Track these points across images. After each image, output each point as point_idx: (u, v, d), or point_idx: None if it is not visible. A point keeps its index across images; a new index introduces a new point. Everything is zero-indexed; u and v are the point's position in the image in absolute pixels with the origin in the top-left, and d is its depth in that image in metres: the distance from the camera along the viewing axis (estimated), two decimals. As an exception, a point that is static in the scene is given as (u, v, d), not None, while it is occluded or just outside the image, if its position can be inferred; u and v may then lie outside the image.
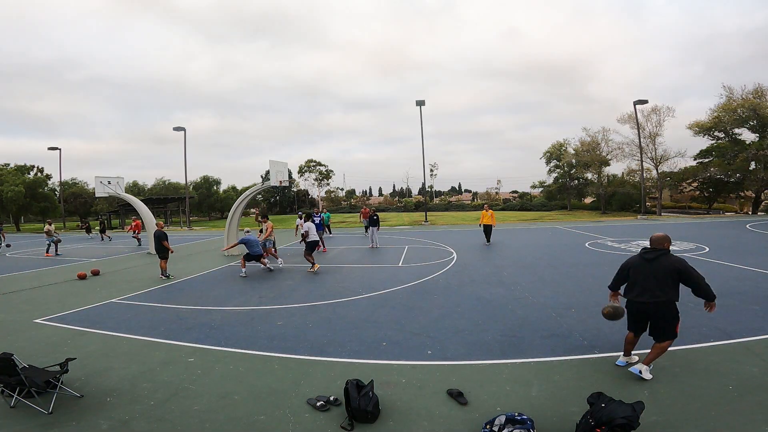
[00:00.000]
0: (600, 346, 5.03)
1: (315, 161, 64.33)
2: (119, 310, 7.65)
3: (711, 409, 3.52)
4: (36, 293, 9.41)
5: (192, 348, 5.50)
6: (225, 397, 4.08)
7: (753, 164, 33.64)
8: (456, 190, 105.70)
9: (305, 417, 3.67)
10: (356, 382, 3.77)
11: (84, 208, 49.49)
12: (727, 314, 6.09)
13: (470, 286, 8.73)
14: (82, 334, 6.24)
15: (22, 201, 37.29)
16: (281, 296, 8.34)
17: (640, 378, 4.11)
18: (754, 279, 8.47)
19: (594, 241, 16.14)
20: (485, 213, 16.36)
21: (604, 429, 3.00)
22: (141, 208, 17.81)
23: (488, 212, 16.35)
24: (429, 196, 61.30)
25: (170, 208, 46.71)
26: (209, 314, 7.21)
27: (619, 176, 44.31)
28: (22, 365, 4.12)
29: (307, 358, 5.04)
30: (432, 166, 67.00)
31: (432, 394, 4.02)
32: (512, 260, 12.08)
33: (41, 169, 43.67)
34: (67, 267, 13.52)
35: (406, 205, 61.74)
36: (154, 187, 57.03)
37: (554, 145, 51.20)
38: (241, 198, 15.85)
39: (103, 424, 3.65)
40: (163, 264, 10.77)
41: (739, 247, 13.37)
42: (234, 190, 59.06)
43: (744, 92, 34.13)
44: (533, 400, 3.84)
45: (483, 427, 3.30)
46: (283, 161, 15.30)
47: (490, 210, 16.57)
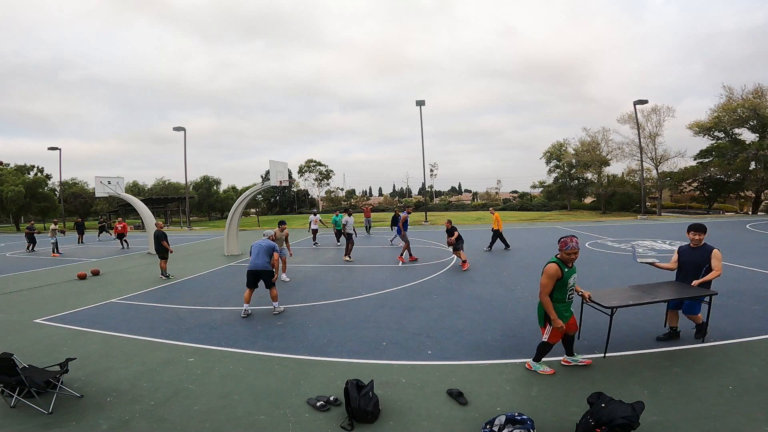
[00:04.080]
0: (600, 346, 5.03)
1: (315, 161, 64.30)
2: (119, 310, 7.65)
3: (711, 409, 3.52)
4: (36, 293, 9.41)
5: (192, 348, 5.51)
6: (225, 397, 4.08)
7: (753, 164, 33.60)
8: (456, 190, 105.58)
9: (305, 417, 3.67)
10: (356, 382, 3.77)
11: (84, 208, 49.47)
12: (727, 314, 6.09)
13: (470, 286, 8.73)
14: (82, 334, 6.24)
15: (22, 201, 37.29)
16: (281, 296, 8.31)
17: (640, 378, 4.11)
18: (754, 279, 8.47)
19: (594, 241, 16.13)
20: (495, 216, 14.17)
21: (604, 429, 3.00)
22: (141, 208, 17.82)
23: (494, 215, 14.29)
24: (429, 196, 61.28)
25: (170, 208, 46.70)
26: (209, 314, 7.21)
27: (619, 176, 44.21)
28: (22, 365, 4.12)
29: (307, 358, 5.04)
30: (432, 166, 67.00)
31: (432, 394, 4.02)
32: (512, 260, 12.08)
33: (41, 169, 43.75)
34: (67, 267, 13.52)
35: (406, 205, 61.75)
36: (154, 187, 57.00)
37: (554, 145, 51.12)
38: (241, 198, 15.85)
39: (103, 424, 3.65)
40: (163, 264, 10.77)
41: (739, 247, 13.38)
42: (234, 190, 59.04)
43: (744, 92, 34.13)
44: (533, 400, 3.84)
45: (483, 427, 3.30)
46: (283, 161, 15.31)
47: (496, 212, 14.52)
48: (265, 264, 7.14)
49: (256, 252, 7.23)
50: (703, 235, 5.11)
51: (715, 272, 4.88)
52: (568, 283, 4.23)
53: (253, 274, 7.12)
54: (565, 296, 4.26)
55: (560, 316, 4.22)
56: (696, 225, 5.18)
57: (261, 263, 7.12)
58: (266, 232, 7.90)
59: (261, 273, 7.11)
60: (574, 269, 4.34)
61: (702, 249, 5.07)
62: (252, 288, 7.13)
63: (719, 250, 4.96)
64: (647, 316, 6.21)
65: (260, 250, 7.22)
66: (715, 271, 4.88)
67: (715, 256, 4.93)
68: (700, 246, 5.09)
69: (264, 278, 7.13)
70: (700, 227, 5.14)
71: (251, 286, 7.12)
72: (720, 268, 4.88)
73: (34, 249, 18.48)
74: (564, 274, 4.17)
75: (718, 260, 4.89)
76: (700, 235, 5.08)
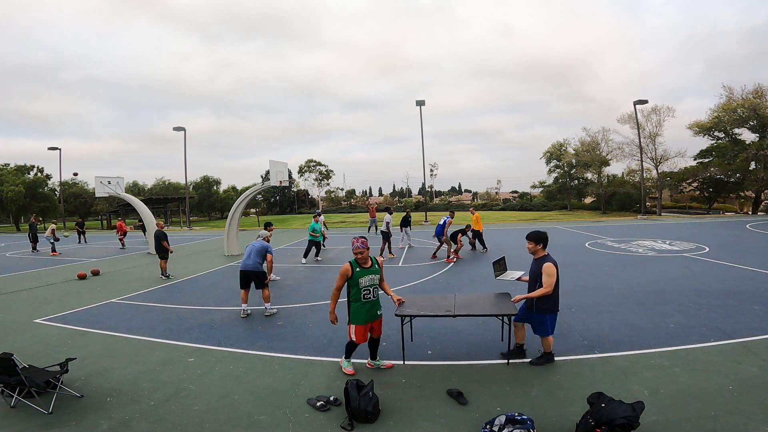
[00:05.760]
0: (600, 346, 5.03)
1: (315, 161, 64.27)
2: (119, 310, 7.65)
3: (711, 409, 3.52)
4: (36, 293, 9.41)
5: (192, 348, 5.51)
6: (225, 397, 4.08)
7: (753, 164, 33.58)
8: (456, 190, 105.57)
9: (305, 417, 3.67)
10: (356, 382, 3.77)
11: (84, 208, 49.47)
12: (727, 314, 6.09)
13: (470, 286, 8.73)
14: (82, 334, 6.24)
15: (22, 201, 37.26)
16: (283, 297, 8.32)
17: (640, 378, 4.11)
18: (754, 279, 8.47)
19: (594, 241, 16.13)
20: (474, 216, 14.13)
21: (604, 429, 3.00)
22: (141, 208, 17.81)
23: (474, 215, 14.19)
24: (429, 196, 61.29)
25: (170, 208, 46.69)
26: (209, 314, 7.21)
27: (619, 176, 44.23)
28: (22, 365, 4.13)
29: (307, 358, 5.05)
30: (432, 166, 66.94)
31: (432, 394, 4.03)
32: (512, 260, 12.02)
33: (41, 169, 43.69)
34: (67, 267, 13.52)
35: (406, 205, 61.74)
36: (154, 187, 57.00)
37: (554, 145, 51.12)
38: (241, 198, 15.86)
39: (103, 424, 3.65)
40: (163, 264, 10.77)
41: (739, 247, 13.37)
42: (234, 190, 59.00)
43: (744, 92, 34.08)
44: (533, 400, 3.84)
45: (483, 427, 3.30)
46: (283, 161, 15.31)
47: (476, 212, 14.46)
48: (255, 265, 7.10)
49: (248, 252, 7.21)
50: (535, 245, 4.55)
51: (541, 289, 4.34)
52: (360, 283, 4.38)
53: (244, 275, 7.09)
54: (359, 296, 4.41)
55: (356, 316, 4.42)
56: (530, 233, 4.64)
57: (251, 264, 7.09)
58: (261, 233, 7.86)
59: (251, 274, 7.07)
60: (371, 271, 4.46)
61: (539, 261, 4.52)
62: (245, 288, 7.08)
63: (553, 264, 4.41)
64: (647, 316, 6.22)
65: (252, 250, 7.20)
66: (542, 288, 4.34)
67: (545, 270, 4.37)
68: (538, 258, 4.56)
69: (254, 279, 7.09)
70: (531, 235, 4.60)
71: (244, 286, 7.08)
72: (550, 284, 4.31)
73: (36, 248, 18.44)
74: (354, 273, 4.38)
75: (548, 275, 4.33)
76: (531, 245, 4.58)
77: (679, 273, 9.27)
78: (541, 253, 4.56)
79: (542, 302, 4.44)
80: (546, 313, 4.47)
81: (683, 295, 7.37)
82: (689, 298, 7.11)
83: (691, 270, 9.58)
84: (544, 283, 4.35)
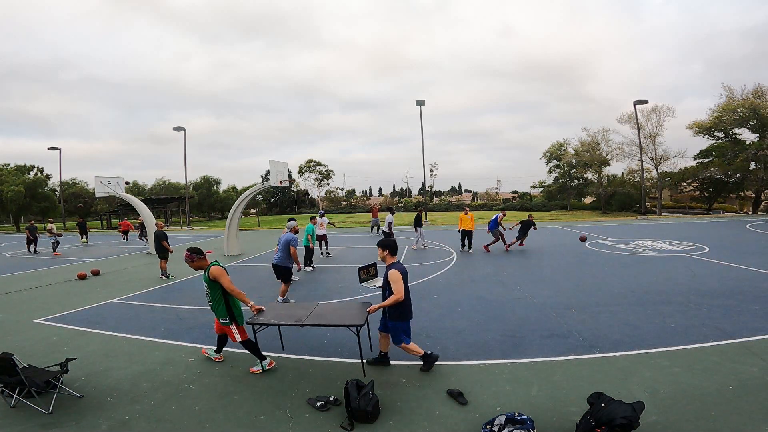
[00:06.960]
0: (600, 346, 5.03)
1: (315, 161, 64.26)
2: (119, 310, 7.65)
3: (711, 409, 3.52)
4: (36, 293, 9.41)
5: (192, 348, 5.51)
6: (225, 397, 4.08)
7: (753, 164, 33.59)
8: (456, 190, 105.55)
9: (305, 417, 3.67)
10: (356, 382, 3.77)
11: (84, 208, 49.46)
12: (727, 314, 6.10)
13: (470, 286, 8.73)
14: (82, 334, 6.24)
15: (22, 201, 37.26)
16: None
17: (640, 378, 4.11)
18: (754, 279, 8.47)
19: (594, 241, 16.13)
20: (464, 216, 14.34)
21: (604, 429, 3.00)
22: (141, 208, 17.81)
23: (468, 215, 14.43)
24: (429, 196, 61.29)
25: (170, 208, 46.66)
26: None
27: (619, 176, 44.24)
28: (22, 365, 4.12)
29: (307, 358, 5.05)
30: (432, 166, 66.98)
31: (432, 394, 4.03)
32: (512, 260, 12.08)
33: (41, 169, 43.70)
34: (67, 267, 13.52)
35: (406, 205, 61.71)
36: (154, 187, 57.00)
37: (554, 145, 51.11)
38: (241, 198, 15.86)
39: (103, 424, 3.65)
40: (163, 264, 10.77)
41: (739, 247, 13.37)
42: (234, 190, 59.00)
43: (744, 92, 34.08)
44: (533, 400, 3.84)
45: (483, 427, 3.30)
46: (283, 161, 15.30)
47: (470, 213, 14.73)
48: (280, 259, 7.55)
49: (278, 245, 7.73)
50: (383, 251, 4.51)
51: (392, 297, 4.25)
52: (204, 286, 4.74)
53: (273, 268, 7.68)
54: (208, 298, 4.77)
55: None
56: (379, 240, 4.64)
57: (277, 258, 7.61)
58: (289, 224, 8.28)
59: (274, 267, 7.61)
60: (206, 277, 4.73)
61: (387, 268, 4.45)
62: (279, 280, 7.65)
63: (399, 270, 4.34)
64: (647, 316, 6.22)
65: (280, 244, 7.70)
66: (393, 296, 4.25)
67: (390, 277, 4.32)
68: (388, 264, 4.49)
69: (276, 272, 7.62)
70: (379, 243, 4.59)
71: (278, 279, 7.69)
72: (399, 291, 4.22)
73: (36, 250, 18.37)
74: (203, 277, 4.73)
75: (395, 282, 4.27)
76: (380, 251, 4.55)
77: (679, 273, 9.27)
78: (390, 259, 4.53)
79: (394, 309, 4.38)
80: (398, 320, 4.41)
81: (683, 295, 7.37)
82: (689, 298, 7.11)
83: (691, 270, 9.58)
84: (394, 290, 4.27)
